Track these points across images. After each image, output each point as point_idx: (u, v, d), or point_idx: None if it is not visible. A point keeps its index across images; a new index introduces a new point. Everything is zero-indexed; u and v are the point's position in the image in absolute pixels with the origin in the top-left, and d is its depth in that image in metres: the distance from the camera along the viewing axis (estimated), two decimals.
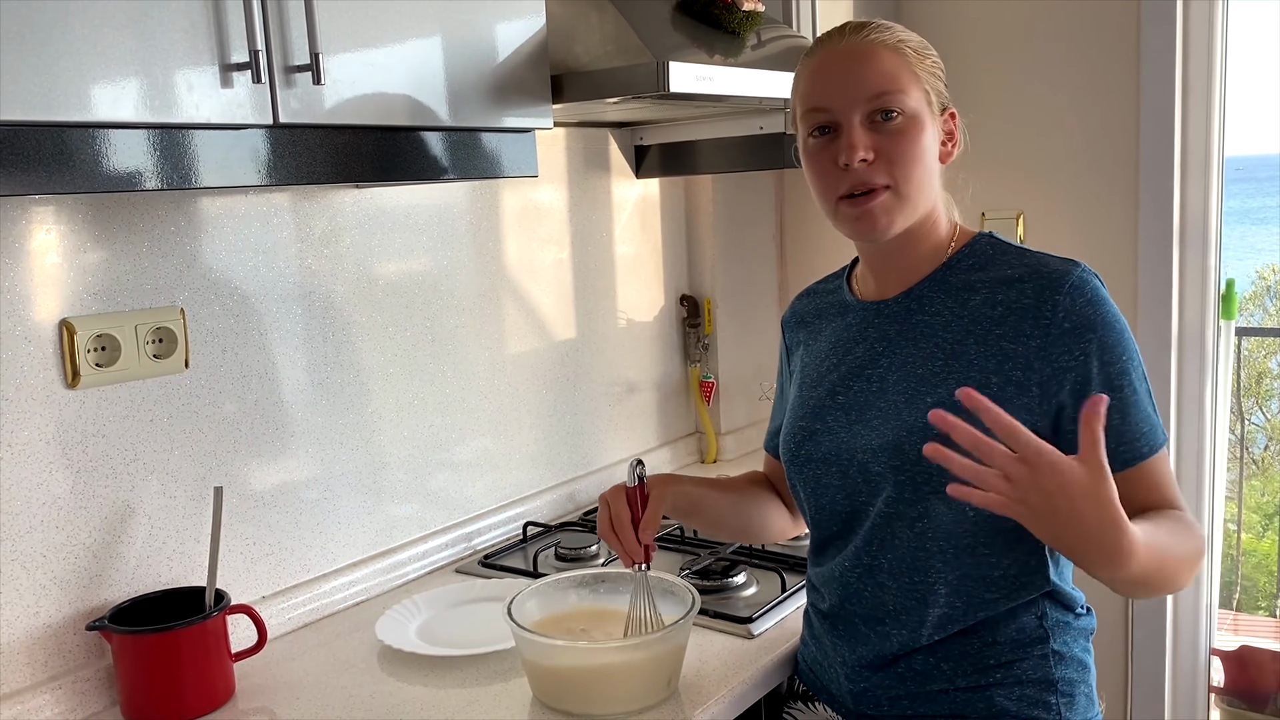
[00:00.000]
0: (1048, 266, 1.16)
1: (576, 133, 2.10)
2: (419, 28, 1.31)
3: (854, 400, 1.24)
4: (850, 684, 1.26)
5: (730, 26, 1.72)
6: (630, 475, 1.31)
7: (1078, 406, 1.10)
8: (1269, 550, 6.95)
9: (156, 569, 1.45)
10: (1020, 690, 1.18)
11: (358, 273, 1.69)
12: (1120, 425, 1.12)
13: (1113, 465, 1.11)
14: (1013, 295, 1.16)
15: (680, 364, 2.41)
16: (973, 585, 1.18)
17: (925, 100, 1.18)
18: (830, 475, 1.25)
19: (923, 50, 1.21)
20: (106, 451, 1.39)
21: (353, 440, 1.70)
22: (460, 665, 1.44)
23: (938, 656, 1.20)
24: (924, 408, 1.16)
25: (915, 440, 1.15)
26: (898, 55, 1.18)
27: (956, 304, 1.20)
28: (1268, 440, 8.71)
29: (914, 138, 1.17)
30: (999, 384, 1.14)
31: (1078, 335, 1.12)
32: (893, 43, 1.19)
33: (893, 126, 1.16)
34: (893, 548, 1.20)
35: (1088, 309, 1.12)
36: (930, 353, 1.19)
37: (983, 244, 1.24)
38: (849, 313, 1.31)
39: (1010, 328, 1.15)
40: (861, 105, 1.17)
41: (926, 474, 1.15)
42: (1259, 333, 10.63)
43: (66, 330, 1.34)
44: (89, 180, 1.04)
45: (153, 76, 1.05)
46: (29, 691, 1.31)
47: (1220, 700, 2.50)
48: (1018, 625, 1.19)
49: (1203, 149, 2.17)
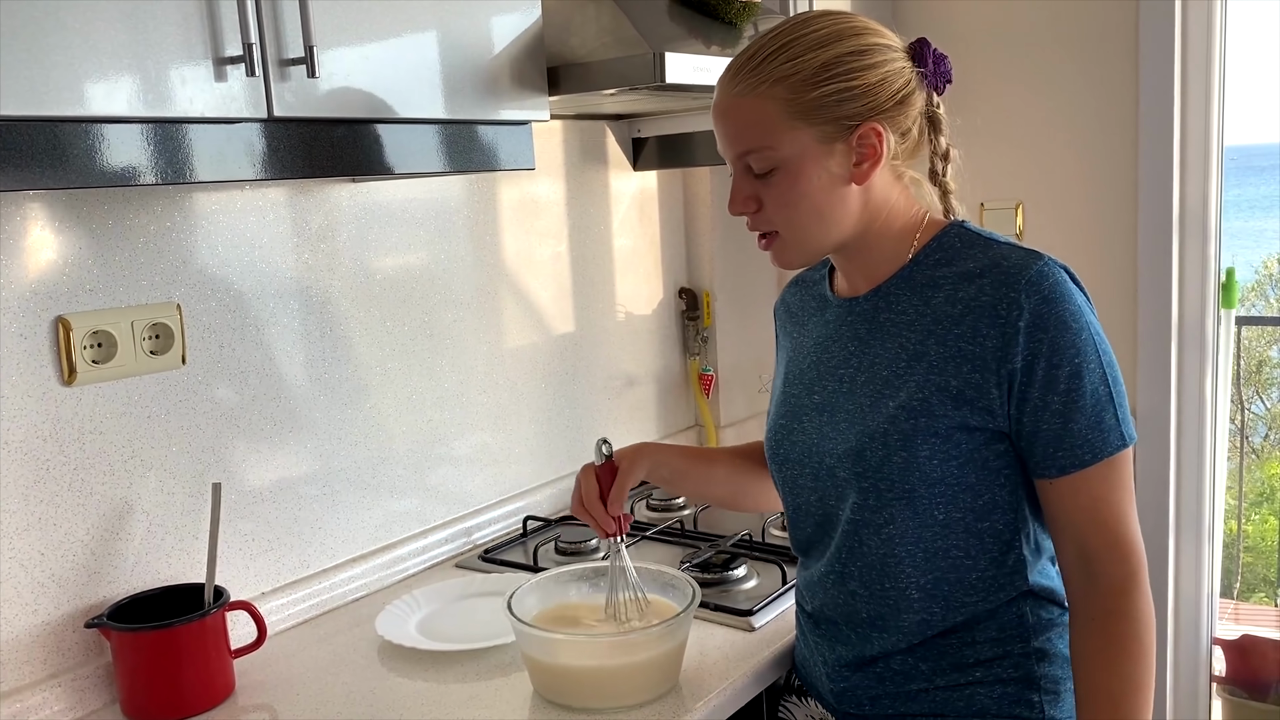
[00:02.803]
0: (1008, 260, 1.11)
1: (573, 125, 2.09)
2: (414, 20, 1.31)
3: (827, 400, 1.22)
4: (831, 683, 1.26)
5: (727, 17, 1.71)
6: (596, 454, 1.33)
7: (1022, 411, 1.10)
8: (1268, 536, 6.95)
9: (155, 566, 1.45)
10: (1001, 689, 1.17)
11: (355, 267, 1.69)
12: (1061, 430, 1.08)
13: (1048, 471, 1.11)
14: (972, 292, 1.11)
15: (679, 357, 2.41)
16: (949, 589, 1.16)
17: (810, 139, 1.12)
18: (804, 477, 1.24)
19: (814, 80, 1.11)
20: (104, 448, 1.38)
21: (351, 435, 1.69)
22: (461, 660, 1.43)
23: (916, 656, 1.19)
24: (885, 411, 1.14)
25: (876, 447, 1.13)
26: (766, 104, 1.12)
27: (921, 302, 1.16)
28: (1268, 429, 8.72)
29: (789, 185, 1.13)
30: (958, 387, 1.10)
31: (1030, 334, 1.07)
32: (765, 89, 1.11)
33: (769, 178, 1.14)
34: (861, 555, 1.18)
35: (1043, 306, 1.07)
36: (895, 353, 1.16)
37: (951, 236, 1.18)
38: (828, 309, 1.28)
39: (968, 327, 1.10)
40: (735, 160, 1.17)
41: (889, 480, 1.13)
42: (1259, 321, 10.63)
43: (62, 327, 1.33)
44: (83, 175, 1.03)
45: (146, 70, 1.05)
46: (28, 689, 1.31)
47: (1222, 689, 2.50)
48: (998, 625, 1.17)
49: (1202, 138, 2.17)
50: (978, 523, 1.14)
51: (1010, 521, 1.15)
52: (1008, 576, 1.16)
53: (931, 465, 1.12)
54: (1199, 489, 2.27)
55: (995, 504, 1.14)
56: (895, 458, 1.12)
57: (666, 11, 1.64)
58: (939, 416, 1.11)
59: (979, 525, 1.14)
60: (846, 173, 1.14)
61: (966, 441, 1.11)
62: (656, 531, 1.86)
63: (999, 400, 1.10)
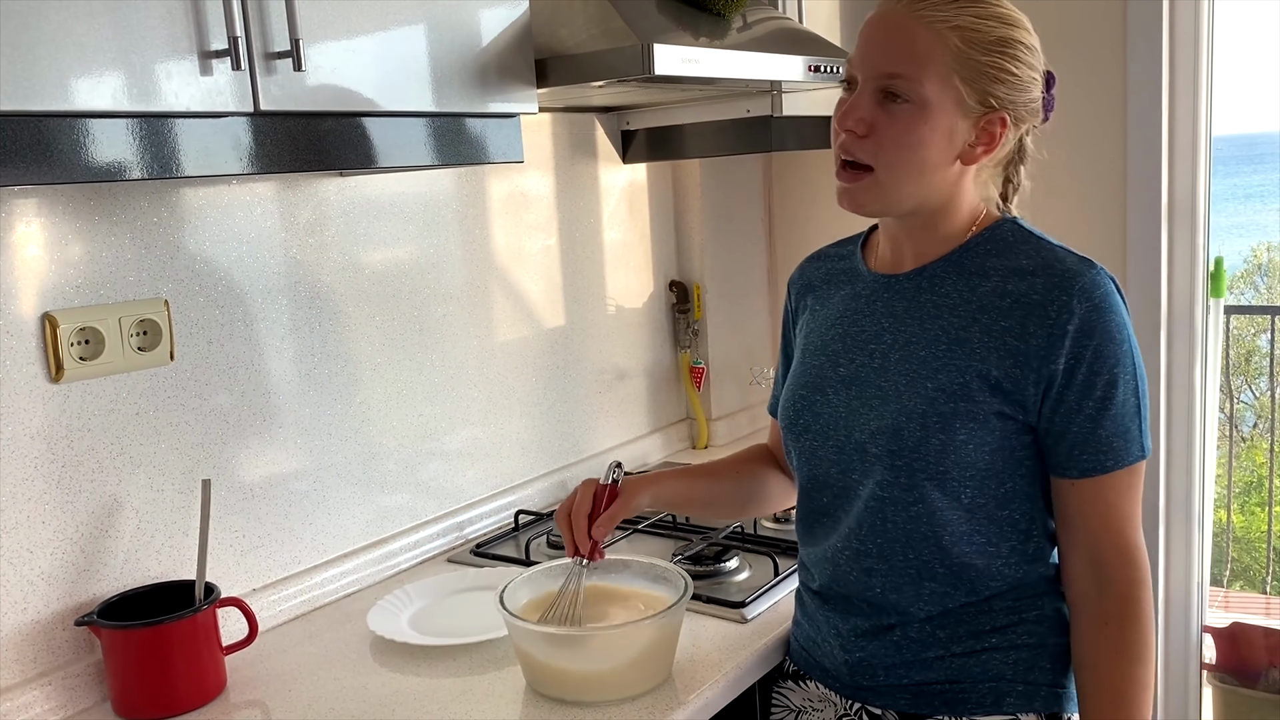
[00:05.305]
0: (1063, 263, 1.13)
1: (563, 118, 2.09)
2: (401, 12, 1.30)
3: (855, 373, 1.22)
4: (846, 654, 1.26)
5: (716, 9, 1.70)
6: (606, 473, 1.32)
7: (1055, 411, 1.12)
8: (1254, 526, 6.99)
9: (145, 563, 1.44)
10: (1016, 654, 1.19)
11: (344, 262, 1.68)
12: (1090, 434, 1.12)
13: (1069, 471, 1.14)
14: (1023, 287, 1.13)
15: (670, 350, 2.41)
16: (974, 574, 1.18)
17: (954, 96, 1.11)
18: (826, 449, 1.24)
19: (989, 46, 1.11)
20: (92, 445, 1.38)
21: (342, 430, 1.69)
22: (453, 655, 1.43)
23: (934, 624, 1.20)
24: (924, 393, 1.15)
25: (914, 427, 1.15)
26: (937, 41, 1.10)
27: (967, 288, 1.17)
28: (1256, 418, 8.75)
29: (911, 127, 1.11)
30: (998, 377, 1.13)
31: (1076, 339, 1.10)
32: (943, 27, 1.10)
33: (896, 110, 1.12)
34: (883, 532, 1.19)
35: (1093, 314, 1.10)
36: (935, 335, 1.17)
37: (1005, 229, 1.20)
38: (858, 281, 1.28)
39: (1016, 321, 1.12)
40: (873, 78, 1.13)
41: (924, 460, 1.15)
42: (1248, 310, 10.67)
43: (49, 324, 1.32)
44: (68, 171, 1.02)
45: (131, 64, 1.04)
46: (18, 688, 1.30)
47: (1212, 677, 2.51)
48: (1014, 593, 1.19)
49: (1190, 128, 2.17)
50: (999, 510, 1.17)
51: (1028, 511, 1.18)
52: (1030, 563, 1.19)
53: (967, 449, 1.14)
54: (1189, 478, 2.27)
55: (1016, 493, 1.17)
56: (934, 439, 1.14)
57: (655, 3, 1.64)
58: (979, 402, 1.13)
59: (1000, 513, 1.17)
60: (960, 147, 1.15)
61: (1000, 429, 1.14)
62: (648, 525, 1.86)
63: (1034, 397, 1.13)
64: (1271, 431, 3.74)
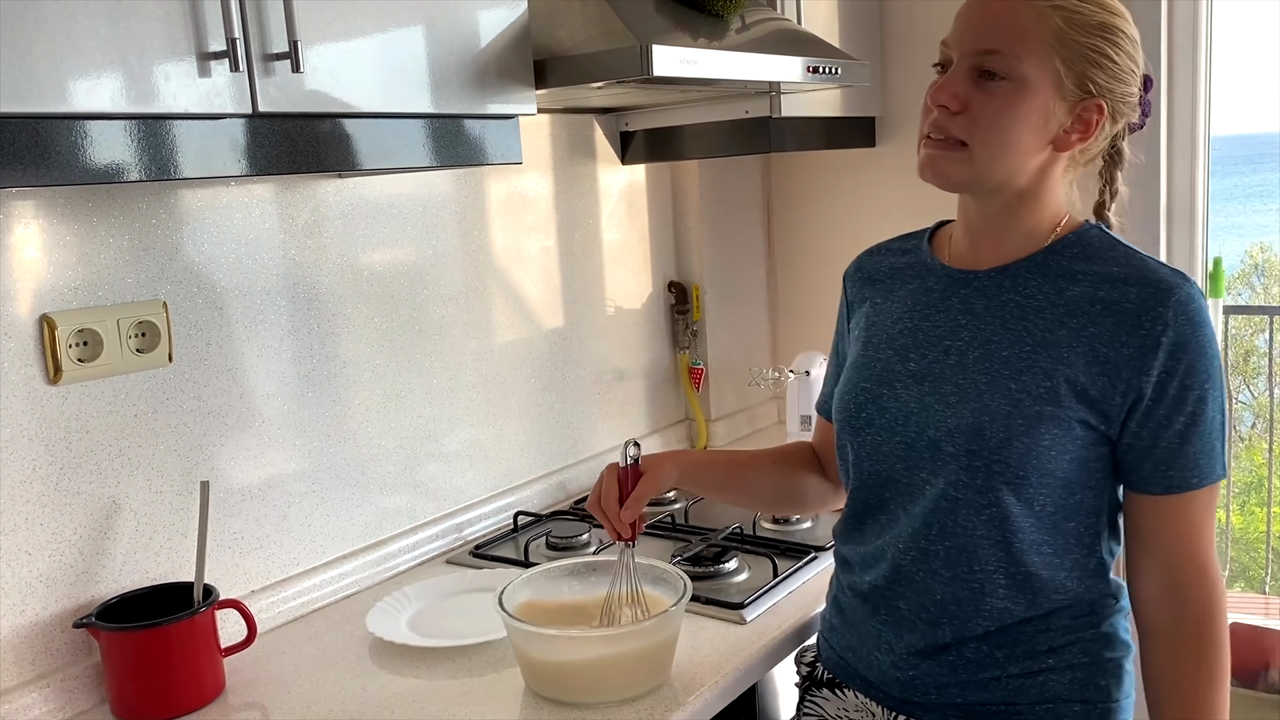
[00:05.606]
0: (1156, 274, 1.11)
1: (561, 119, 2.09)
2: (399, 14, 1.30)
3: (927, 369, 1.19)
4: (897, 672, 1.21)
5: (714, 9, 1.70)
6: (622, 455, 1.31)
7: (1143, 425, 1.11)
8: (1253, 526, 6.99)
9: (144, 565, 1.44)
10: (1072, 674, 1.16)
11: (342, 263, 1.68)
12: (1178, 449, 1.10)
13: (1153, 487, 1.12)
14: (1115, 295, 1.11)
15: (669, 351, 2.41)
16: (1038, 585, 1.15)
17: (1053, 77, 1.10)
18: (892, 445, 1.20)
19: (1091, 30, 1.10)
20: (90, 447, 1.38)
21: (340, 432, 1.69)
22: (452, 656, 1.43)
23: (991, 644, 1.17)
24: (1007, 393, 1.12)
25: (998, 428, 1.11)
26: (1040, 19, 1.09)
27: (1053, 290, 1.14)
28: (1255, 418, 8.76)
29: (1008, 105, 1.10)
30: (1085, 384, 1.10)
31: (1171, 352, 1.08)
32: (1046, 6, 1.09)
33: (993, 87, 1.10)
34: (952, 535, 1.16)
35: (1188, 328, 1.08)
36: (1019, 336, 1.14)
37: (1091, 235, 1.17)
38: (930, 276, 1.25)
39: (1106, 330, 1.10)
40: (970, 55, 1.11)
41: (1004, 463, 1.11)
42: (1246, 310, 10.68)
43: (47, 325, 1.32)
44: (67, 173, 1.02)
45: (129, 66, 1.04)
46: (16, 691, 1.30)
47: None
48: (1072, 610, 1.17)
49: (1189, 128, 2.17)
50: (1065, 521, 1.15)
51: (1092, 525, 1.16)
52: (1092, 579, 1.17)
53: (1049, 455, 1.11)
54: None
55: (1084, 505, 1.15)
56: (1018, 442, 1.11)
57: (653, 4, 1.64)
58: (1065, 407, 1.11)
59: (1066, 524, 1.15)
60: (1054, 131, 1.13)
61: (1083, 437, 1.12)
62: (647, 526, 1.86)
63: (1119, 407, 1.11)
64: (1270, 432, 3.74)
